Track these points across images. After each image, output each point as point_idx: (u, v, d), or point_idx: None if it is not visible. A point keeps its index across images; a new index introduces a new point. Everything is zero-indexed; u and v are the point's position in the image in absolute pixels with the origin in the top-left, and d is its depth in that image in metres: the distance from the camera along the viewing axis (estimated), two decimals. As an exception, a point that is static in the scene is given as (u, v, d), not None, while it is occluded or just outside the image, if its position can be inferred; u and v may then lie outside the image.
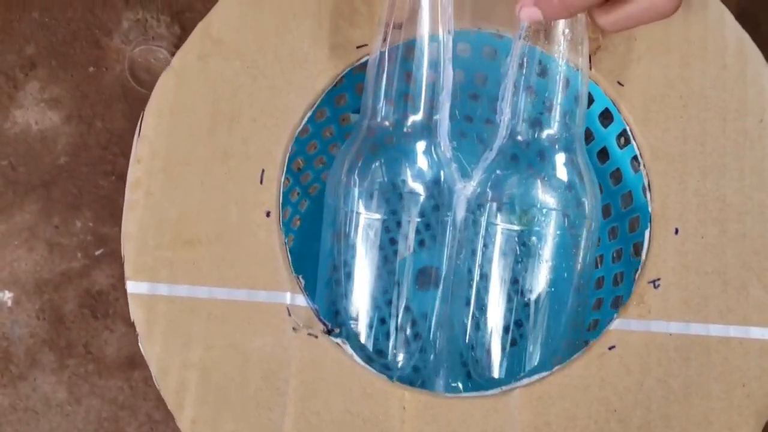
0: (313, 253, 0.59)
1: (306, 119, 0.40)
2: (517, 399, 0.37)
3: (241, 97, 0.39)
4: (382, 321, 0.42)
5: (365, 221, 0.40)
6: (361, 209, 0.39)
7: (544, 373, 0.37)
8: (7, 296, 0.69)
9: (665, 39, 0.40)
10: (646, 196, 0.40)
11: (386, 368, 0.41)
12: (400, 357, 0.42)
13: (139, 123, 0.38)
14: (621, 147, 0.47)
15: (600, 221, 0.42)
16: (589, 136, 0.49)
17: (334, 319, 0.41)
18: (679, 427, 0.37)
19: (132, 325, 0.36)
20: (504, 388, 0.37)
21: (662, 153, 0.39)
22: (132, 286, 0.37)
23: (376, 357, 0.41)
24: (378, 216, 0.39)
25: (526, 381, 0.37)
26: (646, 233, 0.39)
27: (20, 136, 0.71)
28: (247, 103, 0.39)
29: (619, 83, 0.40)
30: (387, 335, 0.41)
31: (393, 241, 0.41)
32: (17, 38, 0.72)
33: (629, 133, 0.40)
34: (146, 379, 0.67)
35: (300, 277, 0.38)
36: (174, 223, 0.37)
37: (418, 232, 0.45)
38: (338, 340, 0.37)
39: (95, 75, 0.72)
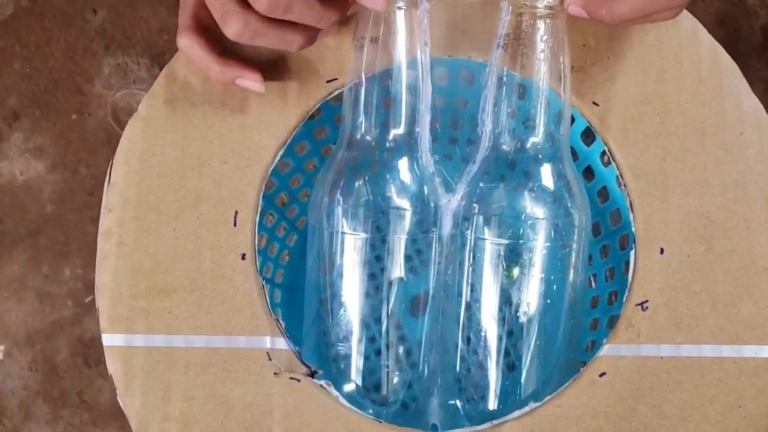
0: (303, 286, 0.58)
1: (279, 157, 0.39)
2: (508, 433, 0.36)
3: (210, 139, 0.38)
4: (372, 340, 0.41)
5: (350, 240, 0.39)
6: (346, 228, 0.38)
7: (535, 405, 0.36)
8: (-1, 349, 0.68)
9: (639, 56, 0.40)
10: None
11: (379, 402, 0.40)
12: (395, 380, 0.41)
13: (108, 171, 0.38)
14: (605, 165, 0.46)
15: (590, 229, 0.40)
16: (573, 154, 0.48)
17: (319, 353, 0.40)
18: (677, 453, 0.35)
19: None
20: (495, 422, 0.36)
21: (642, 172, 0.39)
22: (108, 339, 0.36)
23: (366, 392, 0.40)
24: (363, 234, 0.38)
25: (517, 413, 0.36)
26: (632, 254, 0.38)
27: (5, 187, 0.71)
28: (217, 145, 0.38)
29: (594, 103, 0.39)
30: (377, 359, 0.40)
31: (379, 260, 0.40)
32: (-1, 90, 0.72)
33: (609, 152, 0.40)
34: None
35: (280, 319, 0.37)
36: (148, 272, 0.36)
37: (408, 258, 0.44)
38: (322, 382, 0.36)
39: (78, 122, 0.72)
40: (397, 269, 0.38)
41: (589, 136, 0.43)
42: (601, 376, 0.36)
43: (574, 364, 0.40)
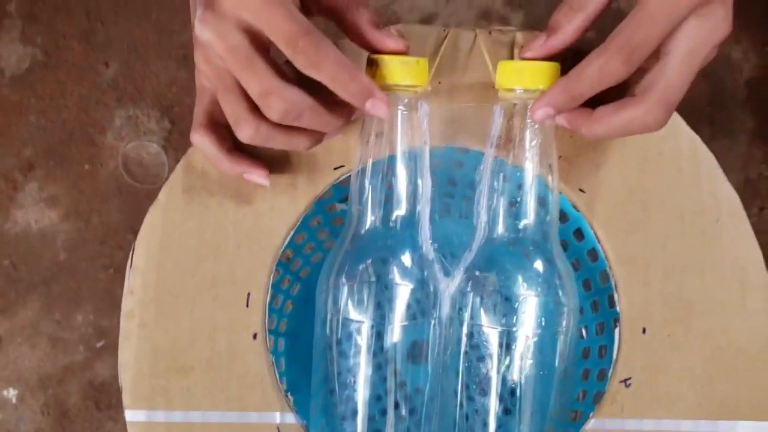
0: (305, 333, 0.61)
1: (288, 239, 0.42)
2: (500, 502, 0.39)
3: (225, 225, 0.41)
4: (374, 419, 0.43)
5: (354, 325, 0.41)
6: (350, 313, 0.41)
7: (526, 478, 0.39)
8: (12, 393, 0.71)
9: (622, 147, 0.43)
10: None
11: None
12: None
13: (130, 255, 0.41)
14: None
15: (578, 312, 0.43)
16: (564, 216, 0.51)
17: (326, 426, 0.42)
18: None
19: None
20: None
21: (626, 257, 0.42)
22: (130, 415, 0.39)
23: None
24: (366, 320, 0.41)
25: (509, 484, 0.39)
26: (616, 333, 0.41)
27: (21, 235, 0.74)
28: (231, 230, 0.41)
29: (581, 190, 0.43)
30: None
31: (381, 336, 0.43)
32: (15, 141, 0.75)
33: (595, 236, 0.43)
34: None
35: (289, 394, 0.40)
36: (167, 352, 0.39)
37: (408, 307, 0.47)
38: (327, 455, 0.39)
39: (91, 172, 0.75)
40: (399, 352, 0.41)
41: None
42: (587, 449, 0.39)
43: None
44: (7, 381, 0.71)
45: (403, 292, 0.41)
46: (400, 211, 0.40)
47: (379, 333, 0.41)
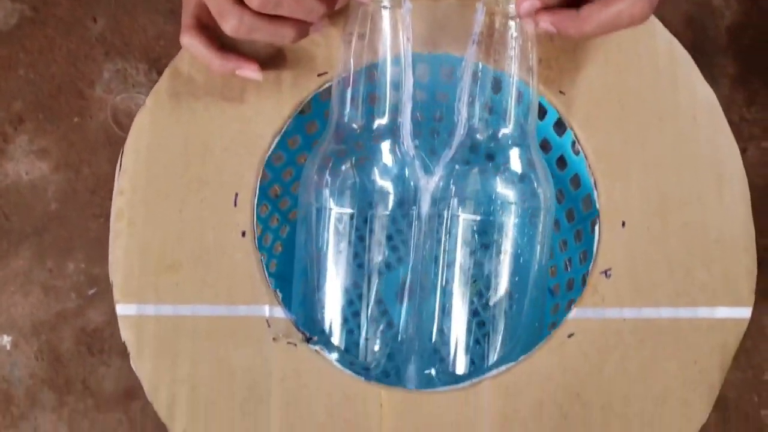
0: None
1: (275, 144, 0.43)
2: (486, 390, 0.39)
3: (212, 129, 0.42)
4: (356, 314, 0.44)
5: (337, 216, 0.42)
6: (332, 205, 0.42)
7: (511, 364, 0.40)
8: (6, 340, 0.71)
9: (602, 48, 0.43)
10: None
11: (361, 366, 0.44)
12: (375, 347, 0.44)
13: (119, 158, 0.41)
14: (575, 154, 0.50)
15: (554, 210, 0.44)
16: (546, 145, 0.52)
17: (309, 321, 0.43)
18: (638, 405, 0.39)
19: (128, 358, 0.39)
20: (474, 380, 0.40)
21: (605, 154, 0.43)
22: (121, 309, 0.39)
23: (350, 357, 0.44)
24: (349, 210, 0.42)
25: (494, 372, 0.40)
26: (596, 227, 0.42)
27: (12, 187, 0.74)
28: (218, 134, 0.42)
29: (560, 92, 0.43)
30: (359, 326, 0.44)
31: (362, 237, 0.44)
32: (5, 95, 0.75)
33: (575, 136, 0.44)
34: (144, 410, 0.70)
35: (277, 290, 0.41)
36: (156, 249, 0.40)
37: (395, 248, 0.48)
38: (316, 348, 0.40)
39: (80, 124, 0.75)
40: (379, 245, 0.42)
41: (560, 126, 0.47)
42: (569, 336, 0.40)
43: (538, 330, 0.44)
44: (0, 328, 0.71)
45: (385, 187, 0.42)
46: (382, 107, 0.41)
47: (359, 224, 0.42)
